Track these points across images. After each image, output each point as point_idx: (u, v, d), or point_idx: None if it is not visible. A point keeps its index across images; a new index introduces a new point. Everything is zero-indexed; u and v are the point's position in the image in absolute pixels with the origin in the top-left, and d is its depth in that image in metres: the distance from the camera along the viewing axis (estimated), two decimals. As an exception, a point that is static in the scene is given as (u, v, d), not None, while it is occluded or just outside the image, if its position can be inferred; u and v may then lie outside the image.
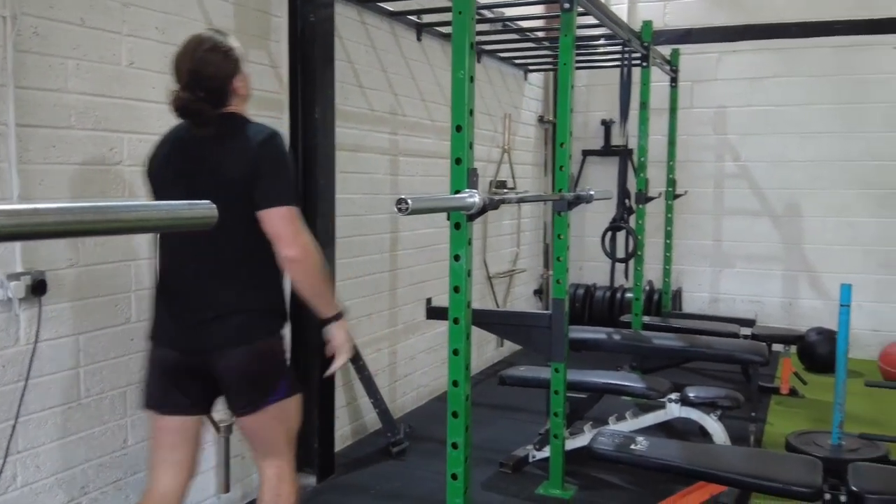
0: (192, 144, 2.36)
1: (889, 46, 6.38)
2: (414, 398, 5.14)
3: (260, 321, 2.38)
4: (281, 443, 2.50)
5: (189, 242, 2.35)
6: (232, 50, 2.38)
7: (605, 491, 3.81)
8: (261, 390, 2.39)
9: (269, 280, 2.41)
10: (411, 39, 4.91)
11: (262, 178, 2.28)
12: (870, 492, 2.72)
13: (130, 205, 1.04)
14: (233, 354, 2.33)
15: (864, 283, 6.53)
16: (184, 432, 2.46)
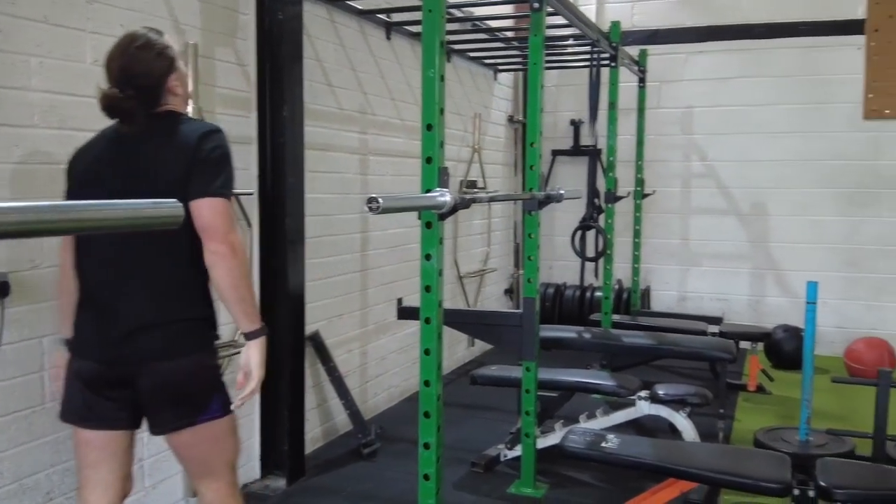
0: (122, 144, 2.24)
1: (853, 47, 6.49)
2: (385, 399, 5.12)
3: (189, 333, 2.24)
4: (218, 464, 2.33)
5: (114, 249, 2.21)
6: (167, 48, 2.29)
7: (577, 489, 3.82)
8: (190, 407, 2.23)
9: (200, 290, 2.27)
10: (381, 38, 4.89)
11: (198, 171, 2.16)
12: (838, 487, 2.75)
13: (94, 204, 1.02)
14: (159, 369, 2.19)
15: (828, 281, 6.63)
16: (108, 447, 2.28)
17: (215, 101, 3.44)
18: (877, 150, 6.48)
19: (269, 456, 3.88)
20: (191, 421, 2.23)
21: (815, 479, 2.80)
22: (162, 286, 2.21)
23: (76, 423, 2.28)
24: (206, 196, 2.14)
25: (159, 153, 2.21)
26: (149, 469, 3.19)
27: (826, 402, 5.00)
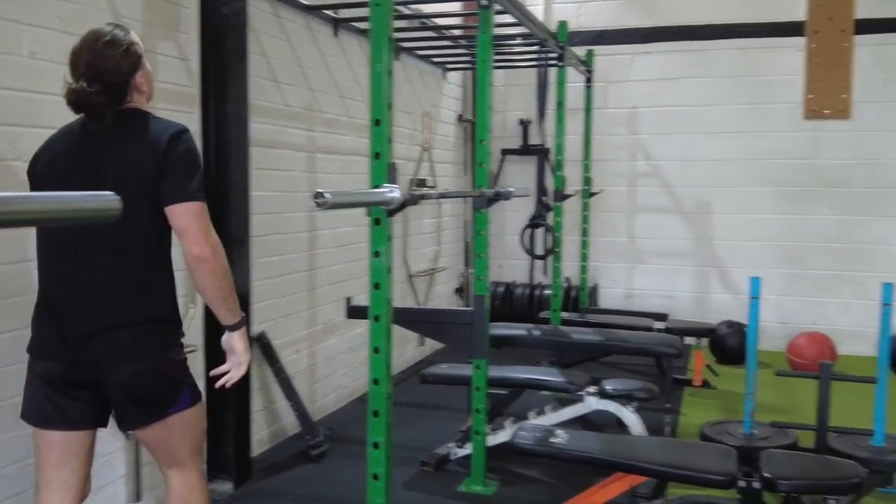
0: (88, 141, 2.22)
1: (793, 49, 6.66)
2: (334, 400, 5.07)
3: (154, 333, 2.24)
4: (185, 453, 2.37)
5: (78, 247, 2.20)
6: (133, 45, 2.27)
7: (527, 485, 3.83)
8: (160, 404, 2.26)
9: (164, 288, 2.29)
10: (328, 34, 4.84)
11: (172, 174, 2.18)
12: (781, 477, 2.81)
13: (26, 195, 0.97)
14: (126, 371, 2.19)
15: (770, 278, 6.76)
16: (70, 448, 2.27)
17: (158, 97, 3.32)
18: (816, 149, 6.65)
19: (215, 460, 3.79)
20: (161, 415, 2.27)
21: (759, 470, 2.85)
22: (128, 286, 2.22)
23: (38, 425, 2.27)
24: (182, 201, 2.17)
25: (127, 151, 2.21)
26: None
27: (770, 395, 5.10)
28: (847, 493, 2.90)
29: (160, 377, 2.26)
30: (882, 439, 3.83)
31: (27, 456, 2.79)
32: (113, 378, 2.20)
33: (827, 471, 2.94)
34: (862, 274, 6.54)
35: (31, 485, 2.77)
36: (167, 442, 2.34)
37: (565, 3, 7.17)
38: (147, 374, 2.23)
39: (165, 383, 2.28)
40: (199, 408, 2.38)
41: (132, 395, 2.23)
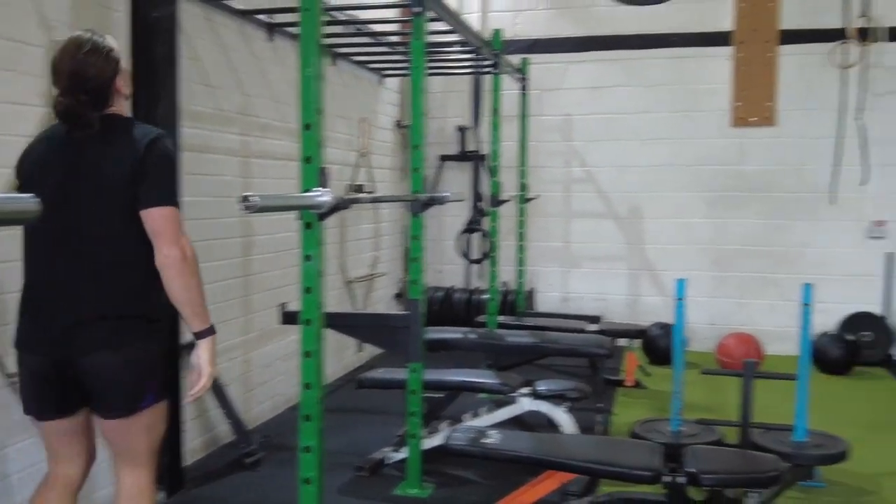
0: (72, 145, 2.33)
1: (721, 58, 6.88)
2: (270, 407, 5.03)
3: (131, 327, 2.34)
4: (144, 452, 2.45)
5: (60, 244, 2.31)
6: (112, 50, 2.38)
7: (463, 487, 3.87)
8: (130, 397, 2.36)
9: (144, 285, 2.37)
10: (263, 39, 4.81)
11: (148, 179, 2.30)
12: (704, 472, 2.90)
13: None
14: (99, 362, 2.30)
15: (699, 280, 6.98)
16: (71, 429, 2.44)
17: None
18: (743, 155, 6.88)
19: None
20: (131, 409, 2.35)
21: (683, 466, 2.94)
22: (108, 281, 2.32)
23: (35, 417, 2.43)
24: (156, 206, 2.29)
25: (109, 155, 2.32)
26: (17, 484, 3.02)
27: (699, 394, 5.26)
28: (766, 486, 3.01)
29: (132, 368, 2.34)
30: (803, 435, 3.97)
31: None
32: (88, 369, 2.30)
33: (748, 465, 3.05)
34: (787, 276, 6.77)
35: None
36: (129, 438, 2.41)
37: (501, 12, 7.27)
38: (121, 366, 2.31)
39: (137, 374, 2.35)
40: (162, 406, 2.47)
41: (105, 386, 2.33)
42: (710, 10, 6.86)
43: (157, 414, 2.44)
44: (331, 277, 5.76)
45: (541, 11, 7.20)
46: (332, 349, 5.85)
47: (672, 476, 2.93)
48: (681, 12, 6.88)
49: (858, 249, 6.76)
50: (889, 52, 6.57)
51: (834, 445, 3.90)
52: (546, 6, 7.20)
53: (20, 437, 3.04)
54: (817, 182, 6.75)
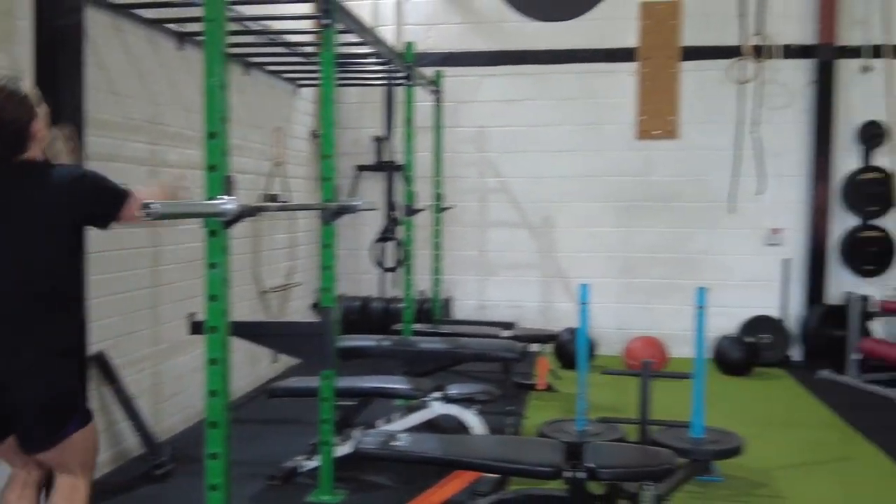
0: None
1: (626, 73, 7.15)
2: (182, 419, 4.97)
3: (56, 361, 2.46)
4: (78, 466, 2.61)
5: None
6: (26, 96, 2.47)
7: (375, 492, 3.92)
8: (53, 429, 2.48)
9: (71, 321, 2.55)
10: (172, 48, 4.78)
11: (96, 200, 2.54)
12: (602, 467, 3.04)
13: None
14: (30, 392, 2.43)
15: (608, 287, 7.24)
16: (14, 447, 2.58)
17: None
18: (648, 167, 7.17)
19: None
20: (63, 434, 2.50)
21: (583, 462, 3.07)
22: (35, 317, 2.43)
23: None
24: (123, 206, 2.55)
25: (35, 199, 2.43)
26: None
27: (608, 396, 5.44)
28: (661, 478, 3.17)
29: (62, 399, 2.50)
30: (700, 431, 4.17)
31: None
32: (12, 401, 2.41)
33: (644, 459, 3.21)
34: (690, 282, 7.01)
35: None
36: (63, 457, 2.57)
37: (415, 25, 7.38)
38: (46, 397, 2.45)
39: (66, 405, 2.52)
40: (89, 429, 2.62)
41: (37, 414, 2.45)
42: (616, 27, 7.14)
43: (85, 437, 2.60)
44: (244, 287, 5.73)
45: (454, 25, 7.35)
46: (245, 360, 5.83)
47: (572, 472, 3.06)
48: (588, 29, 7.15)
49: (757, 256, 7.12)
50: (784, 68, 6.97)
51: (729, 441, 4.12)
52: (459, 20, 7.35)
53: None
54: (717, 192, 7.09)
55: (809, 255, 7.05)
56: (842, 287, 6.94)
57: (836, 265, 7.05)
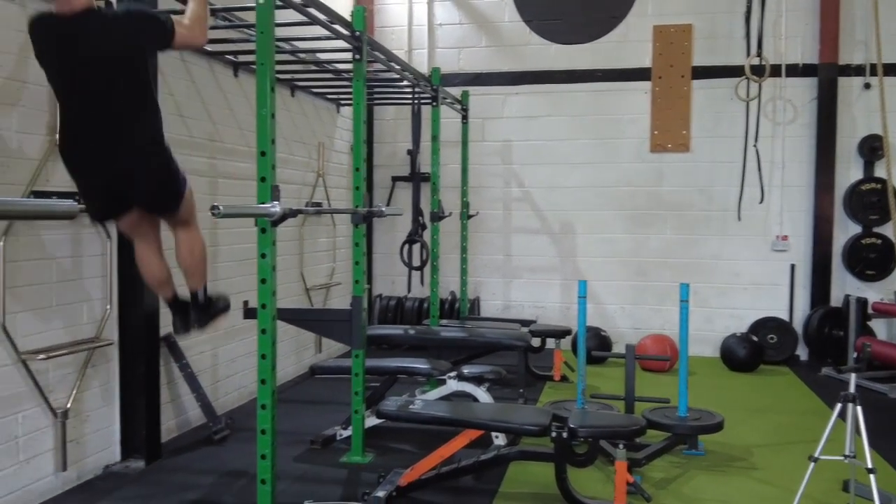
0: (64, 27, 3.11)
1: (640, 91, 7.74)
2: (236, 398, 5.69)
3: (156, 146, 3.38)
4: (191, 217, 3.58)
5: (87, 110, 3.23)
6: None
7: (398, 455, 4.56)
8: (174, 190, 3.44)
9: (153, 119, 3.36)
10: (229, 75, 5.54)
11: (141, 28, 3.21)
12: (581, 426, 3.66)
13: (18, 200, 1.68)
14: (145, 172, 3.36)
15: (623, 289, 7.83)
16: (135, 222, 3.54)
17: None
18: (660, 178, 7.73)
19: (129, 441, 4.40)
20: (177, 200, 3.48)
21: (567, 423, 3.69)
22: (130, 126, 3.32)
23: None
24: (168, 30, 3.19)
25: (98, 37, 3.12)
26: (23, 445, 3.67)
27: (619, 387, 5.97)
28: (630, 438, 3.76)
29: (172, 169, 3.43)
30: (685, 411, 4.73)
31: None
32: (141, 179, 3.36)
33: (615, 422, 3.81)
34: (700, 285, 7.60)
35: None
36: (182, 212, 3.51)
37: (447, 48, 8.08)
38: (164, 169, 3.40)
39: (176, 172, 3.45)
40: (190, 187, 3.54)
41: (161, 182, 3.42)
42: (631, 49, 7.73)
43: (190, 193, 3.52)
44: (291, 285, 6.46)
45: (482, 49, 8.03)
46: (292, 349, 6.57)
47: (557, 431, 3.68)
48: (604, 51, 7.76)
49: (764, 261, 7.61)
50: (789, 86, 7.48)
51: (709, 419, 4.68)
52: (486, 44, 8.03)
53: (26, 406, 3.69)
54: (726, 201, 7.61)
55: (814, 260, 7.50)
56: (845, 290, 7.38)
57: (839, 270, 7.49)
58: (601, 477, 4.17)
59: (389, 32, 8.22)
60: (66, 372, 3.94)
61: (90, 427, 4.14)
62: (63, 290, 3.93)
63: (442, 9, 8.13)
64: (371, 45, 4.53)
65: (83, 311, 4.08)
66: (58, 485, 3.90)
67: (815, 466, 3.50)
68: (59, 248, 3.90)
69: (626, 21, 7.74)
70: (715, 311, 7.69)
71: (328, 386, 6.01)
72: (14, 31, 3.56)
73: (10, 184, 3.51)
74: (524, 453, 3.87)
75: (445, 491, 3.97)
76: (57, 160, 3.80)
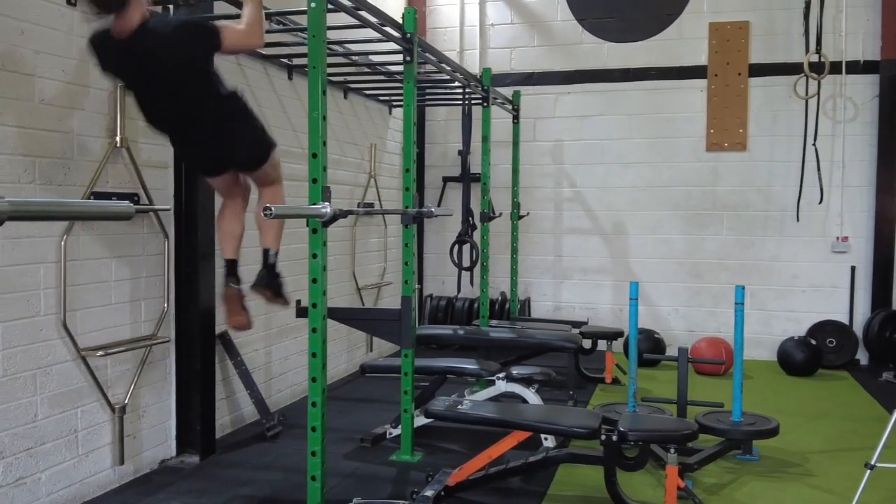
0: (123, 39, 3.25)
1: (696, 90, 7.62)
2: (288, 395, 5.78)
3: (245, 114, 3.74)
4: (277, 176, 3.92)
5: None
6: None
7: (446, 455, 4.58)
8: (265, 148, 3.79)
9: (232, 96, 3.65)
10: (283, 78, 5.63)
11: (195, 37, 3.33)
12: (632, 430, 3.62)
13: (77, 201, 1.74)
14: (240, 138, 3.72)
15: (677, 291, 7.72)
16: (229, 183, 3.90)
17: (138, 132, 4.10)
18: (716, 177, 7.60)
19: (184, 436, 4.50)
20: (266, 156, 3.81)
21: (617, 427, 3.66)
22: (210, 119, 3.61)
23: None
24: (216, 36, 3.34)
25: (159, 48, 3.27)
26: (82, 439, 3.79)
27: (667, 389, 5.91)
28: (681, 442, 3.70)
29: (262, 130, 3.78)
30: (739, 415, 4.65)
31: (33, 421, 3.50)
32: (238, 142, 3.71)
33: (667, 426, 3.76)
34: (757, 287, 7.45)
35: (36, 443, 3.49)
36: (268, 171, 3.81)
37: (499, 48, 8.07)
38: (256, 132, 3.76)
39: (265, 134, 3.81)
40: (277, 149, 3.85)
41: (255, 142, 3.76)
42: (686, 47, 7.61)
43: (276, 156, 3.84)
44: (343, 284, 6.53)
45: (534, 48, 8.00)
46: (343, 349, 6.64)
47: (607, 434, 3.65)
48: (659, 48, 7.66)
49: (824, 263, 7.41)
50: (849, 83, 7.27)
51: (764, 424, 4.58)
52: (538, 43, 7.99)
53: (86, 402, 3.81)
54: (784, 202, 7.44)
55: (875, 262, 7.28)
56: (909, 293, 7.17)
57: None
58: (651, 481, 4.12)
59: (441, 33, 8.25)
60: (124, 368, 4.06)
61: (147, 422, 4.25)
62: (121, 289, 4.04)
63: (494, 9, 8.12)
64: (422, 46, 4.55)
65: (141, 309, 4.19)
66: (115, 478, 4.02)
67: (871, 474, 3.41)
68: (118, 247, 4.01)
69: (680, 18, 7.62)
70: (772, 313, 7.53)
71: (378, 385, 6.07)
72: (75, 37, 3.68)
73: (71, 185, 3.63)
74: (573, 456, 3.84)
75: (493, 492, 3.97)
76: (116, 162, 3.94)
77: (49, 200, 3.13)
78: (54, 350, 3.61)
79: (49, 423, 3.57)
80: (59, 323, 3.61)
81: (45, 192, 3.49)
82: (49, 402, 3.57)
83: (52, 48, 3.57)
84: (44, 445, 3.55)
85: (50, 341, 3.58)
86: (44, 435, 3.55)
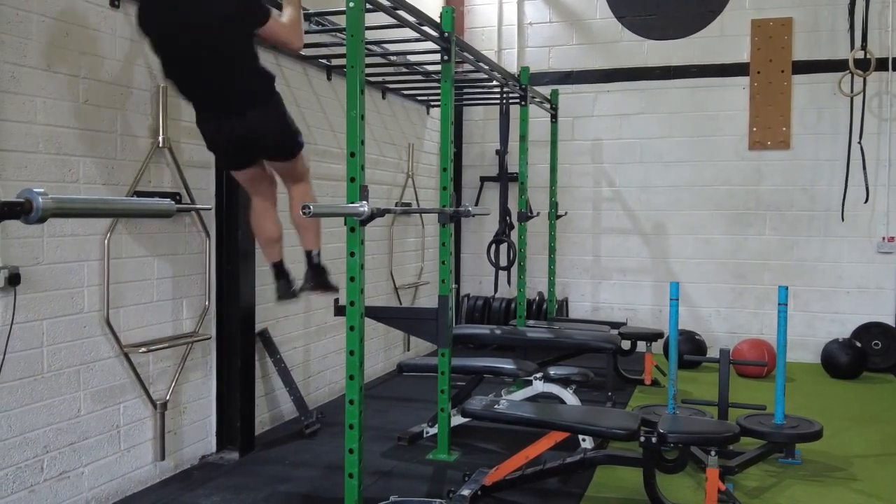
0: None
1: (738, 87, 7.50)
2: (326, 393, 5.81)
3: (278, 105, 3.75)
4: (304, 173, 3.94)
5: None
6: None
7: (483, 454, 4.57)
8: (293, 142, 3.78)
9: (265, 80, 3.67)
10: (322, 79, 5.67)
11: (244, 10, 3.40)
12: (671, 432, 3.57)
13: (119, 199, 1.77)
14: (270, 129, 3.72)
15: (719, 292, 7.60)
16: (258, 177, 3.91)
17: (180, 133, 4.17)
18: (759, 176, 7.47)
19: (224, 433, 4.56)
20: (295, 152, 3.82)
21: (656, 428, 3.61)
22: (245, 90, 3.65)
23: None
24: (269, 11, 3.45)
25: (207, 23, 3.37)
26: (124, 435, 3.86)
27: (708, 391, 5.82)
28: (722, 445, 3.64)
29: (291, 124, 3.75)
30: (782, 418, 4.56)
31: (76, 416, 3.57)
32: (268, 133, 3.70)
33: (707, 428, 3.70)
34: (801, 288, 7.30)
35: (80, 438, 3.55)
36: (297, 167, 3.84)
37: (537, 47, 8.04)
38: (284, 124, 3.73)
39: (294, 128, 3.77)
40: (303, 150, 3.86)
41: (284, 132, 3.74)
42: (728, 44, 7.49)
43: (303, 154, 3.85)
44: (381, 284, 6.56)
45: (572, 46, 7.94)
46: (380, 348, 6.67)
47: (647, 436, 3.61)
48: (700, 46, 7.55)
49: (869, 264, 7.24)
50: (895, 80, 7.10)
51: (807, 427, 4.48)
52: (577, 41, 7.94)
53: (128, 398, 3.88)
54: (828, 201, 7.28)
55: (924, 263, 7.11)
56: (959, 295, 6.96)
57: (953, 274, 7.08)
58: (692, 484, 4.06)
59: (479, 33, 8.24)
60: (165, 365, 4.12)
61: (187, 418, 4.31)
62: (163, 287, 4.10)
63: (532, 8, 8.09)
64: (459, 45, 4.55)
65: (182, 307, 4.25)
66: (156, 473, 4.08)
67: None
68: (160, 245, 4.07)
69: (722, 15, 7.51)
70: (816, 315, 7.37)
71: (415, 384, 6.08)
72: (119, 38, 3.75)
73: (115, 184, 3.70)
74: (612, 457, 3.81)
75: (530, 492, 3.94)
76: (159, 162, 4.00)
77: (91, 198, 3.19)
78: (97, 347, 3.67)
79: (92, 419, 3.63)
80: (102, 320, 3.68)
81: (89, 191, 3.56)
82: (92, 397, 3.63)
83: (95, 49, 3.64)
84: (86, 440, 3.62)
85: (93, 338, 3.65)
86: (87, 430, 3.61)
